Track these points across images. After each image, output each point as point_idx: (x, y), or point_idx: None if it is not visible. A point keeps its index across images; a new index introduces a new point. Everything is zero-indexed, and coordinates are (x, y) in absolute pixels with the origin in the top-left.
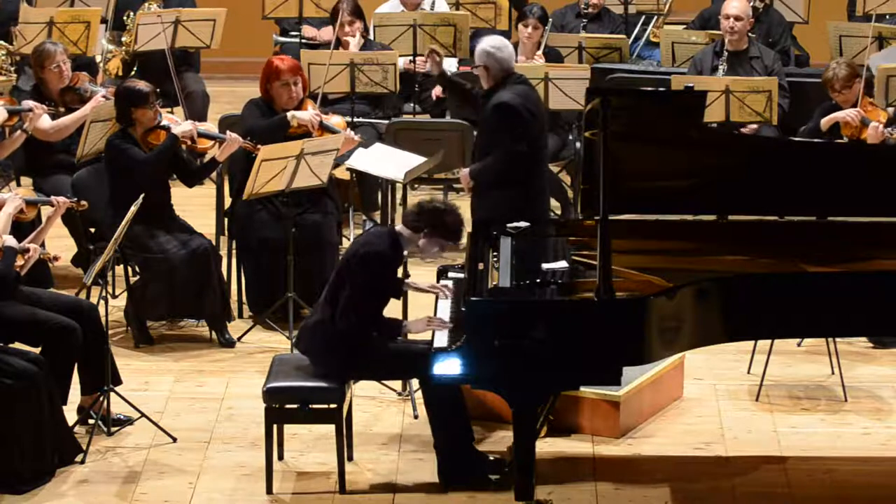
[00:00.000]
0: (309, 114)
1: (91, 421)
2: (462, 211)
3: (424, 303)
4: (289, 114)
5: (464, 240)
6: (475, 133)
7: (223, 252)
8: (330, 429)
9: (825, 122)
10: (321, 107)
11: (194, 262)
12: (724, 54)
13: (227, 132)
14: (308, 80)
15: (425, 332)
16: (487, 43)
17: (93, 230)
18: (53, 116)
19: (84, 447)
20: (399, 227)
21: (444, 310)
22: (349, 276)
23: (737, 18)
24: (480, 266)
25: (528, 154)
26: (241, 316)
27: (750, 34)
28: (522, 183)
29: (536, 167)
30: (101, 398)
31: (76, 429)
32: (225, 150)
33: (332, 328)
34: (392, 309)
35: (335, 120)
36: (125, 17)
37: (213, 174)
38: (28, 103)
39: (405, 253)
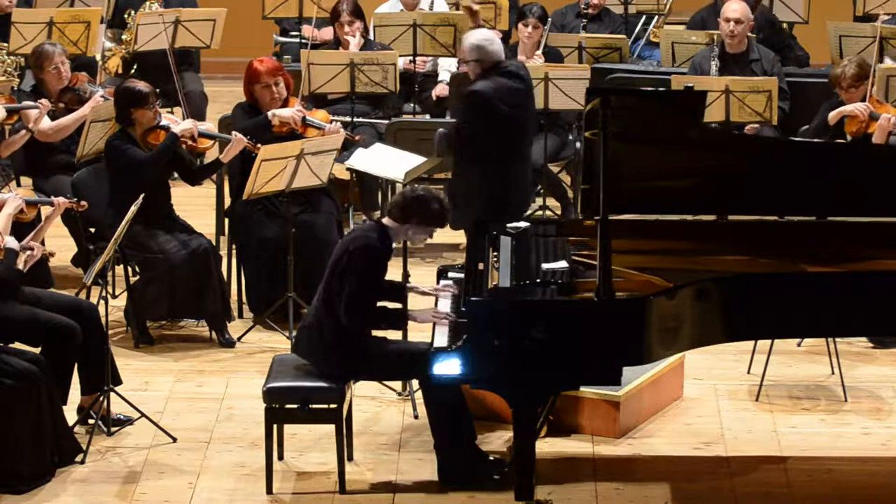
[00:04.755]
0: (290, 111)
1: (91, 421)
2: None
3: (426, 302)
4: (269, 113)
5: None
6: None
7: (223, 252)
8: (330, 429)
9: (833, 115)
10: (308, 103)
11: (194, 262)
12: (714, 50)
13: (234, 133)
14: (309, 79)
15: (429, 322)
16: (477, 37)
17: (93, 230)
18: (52, 116)
19: (84, 447)
20: (385, 220)
21: (445, 307)
22: (344, 274)
23: (737, 22)
24: (480, 266)
25: (494, 141)
26: (241, 316)
27: (749, 35)
28: (494, 171)
29: (510, 157)
30: (101, 398)
31: (76, 429)
32: (230, 150)
33: (330, 330)
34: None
35: (318, 115)
36: (126, 16)
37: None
38: (29, 104)
39: (393, 245)
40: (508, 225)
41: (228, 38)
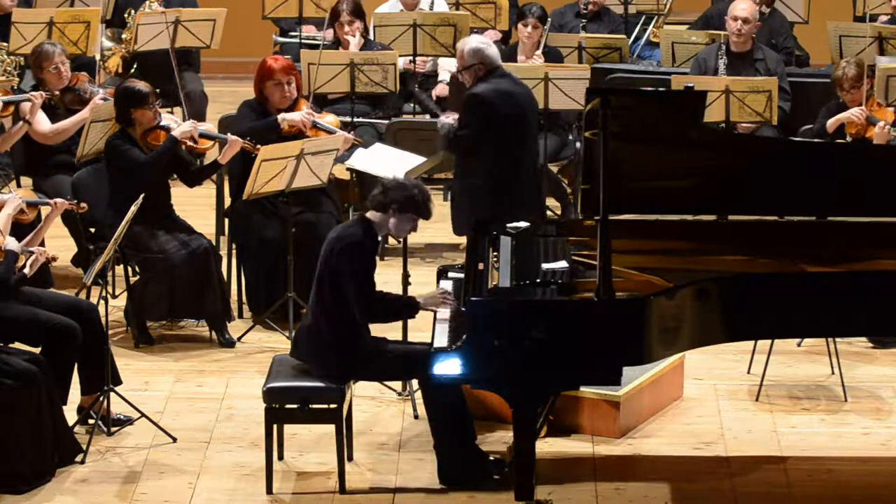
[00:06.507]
0: (299, 114)
1: (91, 421)
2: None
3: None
4: (279, 116)
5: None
6: None
7: (223, 252)
8: (330, 429)
9: (831, 123)
10: (315, 105)
11: (194, 262)
12: (722, 48)
13: (228, 134)
14: (309, 80)
15: (438, 306)
16: (475, 42)
17: (93, 230)
18: (52, 115)
19: (84, 447)
20: (369, 213)
21: (444, 312)
22: (336, 275)
23: (745, 21)
24: (480, 266)
25: (496, 143)
26: (241, 316)
27: (753, 36)
28: (498, 174)
29: (513, 159)
30: (101, 398)
31: (76, 429)
32: (227, 152)
33: (327, 330)
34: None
35: (329, 119)
36: (126, 16)
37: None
38: (23, 97)
39: (379, 239)
40: (508, 225)
41: (228, 38)
